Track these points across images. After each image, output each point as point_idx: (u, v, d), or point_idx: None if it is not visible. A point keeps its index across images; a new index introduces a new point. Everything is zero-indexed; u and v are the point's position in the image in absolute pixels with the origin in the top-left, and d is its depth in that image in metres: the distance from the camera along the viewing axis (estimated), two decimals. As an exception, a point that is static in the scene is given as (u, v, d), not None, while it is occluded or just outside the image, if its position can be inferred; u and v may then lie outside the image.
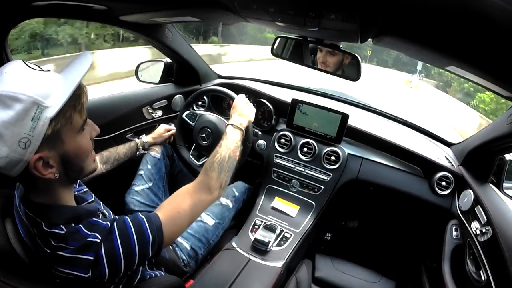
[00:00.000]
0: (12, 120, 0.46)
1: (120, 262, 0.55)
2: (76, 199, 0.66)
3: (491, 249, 0.83)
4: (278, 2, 0.65)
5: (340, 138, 1.27)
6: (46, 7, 0.81)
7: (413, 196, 1.20)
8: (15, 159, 0.48)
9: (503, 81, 0.62)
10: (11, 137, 0.47)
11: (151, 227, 0.60)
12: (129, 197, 1.09)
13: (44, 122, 0.48)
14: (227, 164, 0.78)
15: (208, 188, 0.73)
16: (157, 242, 0.60)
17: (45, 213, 0.55)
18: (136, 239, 0.58)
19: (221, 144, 0.83)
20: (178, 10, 0.93)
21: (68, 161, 0.55)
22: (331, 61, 1.02)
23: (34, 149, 0.49)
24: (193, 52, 1.47)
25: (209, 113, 1.34)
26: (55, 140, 0.52)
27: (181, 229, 0.68)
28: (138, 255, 0.57)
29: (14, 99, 0.46)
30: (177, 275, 0.91)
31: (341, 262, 1.18)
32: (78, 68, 0.55)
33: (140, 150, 1.20)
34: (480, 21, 0.43)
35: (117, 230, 0.57)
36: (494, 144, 0.98)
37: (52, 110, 0.49)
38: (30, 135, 0.48)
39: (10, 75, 0.48)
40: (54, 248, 0.53)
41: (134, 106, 1.30)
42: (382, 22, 0.60)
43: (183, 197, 0.70)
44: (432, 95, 14.60)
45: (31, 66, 0.51)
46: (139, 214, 0.63)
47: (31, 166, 0.50)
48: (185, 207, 0.68)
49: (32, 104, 0.47)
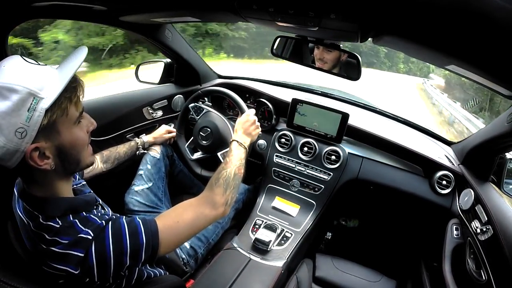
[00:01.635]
0: (9, 110, 0.48)
1: (110, 262, 0.55)
2: (74, 191, 0.67)
3: (491, 248, 0.83)
4: (278, 2, 0.65)
5: (340, 138, 1.27)
6: (47, 7, 0.81)
7: (413, 195, 1.20)
8: (12, 149, 0.50)
9: (503, 79, 0.62)
10: (8, 126, 0.48)
11: (146, 231, 0.60)
12: (129, 197, 1.09)
13: (40, 113, 0.50)
14: (232, 181, 0.77)
15: (212, 204, 0.72)
16: (151, 247, 0.59)
17: (42, 206, 0.56)
18: (129, 241, 0.57)
19: (226, 160, 0.83)
20: (178, 10, 0.93)
21: (64, 152, 0.56)
22: (328, 58, 1.02)
23: (30, 139, 0.51)
24: (193, 52, 1.47)
25: (214, 112, 1.31)
26: (51, 130, 0.53)
27: (179, 239, 0.67)
28: (129, 257, 0.57)
29: (11, 90, 0.48)
30: (178, 275, 0.91)
31: (342, 261, 1.18)
32: (73, 61, 0.57)
33: (140, 149, 1.20)
34: (479, 19, 0.43)
35: (111, 230, 0.57)
36: (494, 143, 0.98)
37: (48, 101, 0.51)
38: (26, 125, 0.49)
39: (8, 68, 0.50)
40: (48, 242, 0.53)
41: (134, 106, 1.30)
42: (382, 22, 0.60)
43: (185, 209, 0.70)
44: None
45: (28, 61, 0.53)
46: (136, 217, 0.63)
47: (27, 156, 0.51)
48: (186, 219, 0.67)
49: (28, 95, 0.49)
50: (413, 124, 1.51)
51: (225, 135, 1.26)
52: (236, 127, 0.97)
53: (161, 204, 1.15)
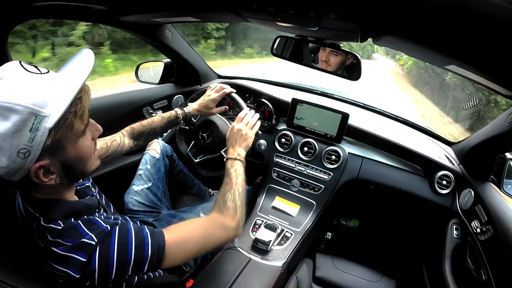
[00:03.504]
0: (9, 132, 0.44)
1: (112, 269, 0.54)
2: (78, 193, 0.66)
3: (491, 248, 0.83)
4: (278, 2, 0.65)
5: (340, 138, 1.27)
6: (47, 7, 0.81)
7: (413, 195, 1.20)
8: (15, 168, 0.48)
9: (502, 79, 0.62)
10: (10, 148, 0.45)
11: (153, 245, 0.58)
12: (129, 197, 1.09)
13: (43, 133, 0.46)
14: (239, 200, 0.76)
15: (223, 227, 0.70)
16: (155, 260, 0.58)
17: (44, 208, 0.55)
18: (133, 252, 0.56)
19: (226, 181, 0.80)
20: (178, 10, 0.94)
21: (70, 166, 0.55)
22: (334, 61, 1.01)
23: (34, 158, 0.48)
24: (193, 52, 1.47)
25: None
26: (55, 148, 0.50)
27: (185, 257, 0.65)
28: (131, 267, 0.56)
29: (10, 110, 0.44)
30: (177, 275, 0.91)
31: (342, 261, 1.18)
32: (79, 68, 0.53)
33: (181, 122, 1.04)
34: (479, 19, 0.43)
35: (117, 237, 0.55)
36: (494, 143, 0.98)
37: (52, 120, 0.47)
38: (29, 145, 0.46)
39: (6, 81, 0.45)
40: (49, 243, 0.52)
41: (134, 106, 1.30)
42: (382, 22, 0.60)
43: (196, 227, 0.68)
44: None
45: (28, 69, 0.48)
46: (145, 227, 0.61)
47: (31, 174, 0.49)
48: (196, 238, 0.65)
49: (30, 114, 0.45)
50: (413, 124, 1.51)
51: (225, 132, 1.27)
52: (227, 144, 0.91)
53: (160, 204, 1.15)
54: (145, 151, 1.21)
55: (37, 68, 0.50)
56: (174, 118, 1.02)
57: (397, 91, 9.44)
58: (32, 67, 0.49)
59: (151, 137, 1.00)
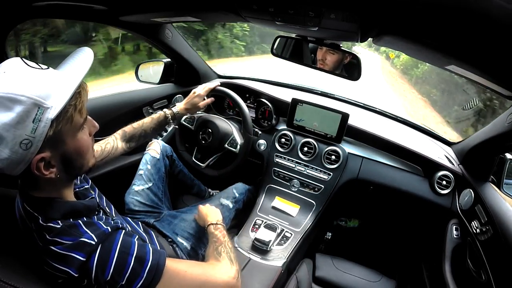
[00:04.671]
0: (13, 122, 0.45)
1: (108, 272, 0.53)
2: (77, 195, 0.66)
3: (491, 248, 0.83)
4: (278, 2, 0.65)
5: (340, 138, 1.27)
6: (47, 7, 0.81)
7: (413, 195, 1.20)
8: (16, 160, 0.48)
9: (503, 80, 0.62)
10: (13, 139, 0.46)
11: (153, 264, 0.57)
12: (129, 197, 1.09)
13: (45, 123, 0.48)
14: (232, 253, 0.76)
15: (223, 272, 0.68)
16: (150, 280, 0.55)
17: (43, 207, 0.55)
18: (133, 262, 0.55)
19: (214, 240, 0.80)
20: (178, 10, 0.94)
21: (69, 159, 0.55)
22: (330, 60, 1.02)
23: (35, 150, 0.49)
24: (193, 52, 1.47)
25: (206, 114, 1.36)
26: (56, 140, 0.51)
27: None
28: (127, 277, 0.54)
29: (14, 100, 0.45)
30: None
31: (342, 261, 1.18)
32: (78, 65, 0.54)
33: (170, 122, 1.07)
34: (479, 19, 0.43)
35: (120, 243, 0.55)
36: (494, 143, 0.98)
37: (54, 111, 0.48)
38: (32, 136, 0.47)
39: (9, 74, 0.47)
40: (48, 242, 0.52)
41: (134, 106, 1.30)
42: (382, 22, 0.60)
43: (196, 265, 0.68)
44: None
45: (29, 64, 0.49)
46: (148, 245, 0.60)
47: (33, 167, 0.50)
48: (195, 273, 0.64)
49: (33, 105, 0.46)
50: (413, 124, 1.51)
51: (223, 126, 1.30)
52: (202, 216, 0.94)
53: (161, 204, 1.15)
54: (145, 151, 1.20)
55: (38, 64, 0.51)
56: (163, 118, 1.05)
57: (391, 93, 9.12)
58: (34, 63, 0.51)
59: (143, 139, 1.03)
